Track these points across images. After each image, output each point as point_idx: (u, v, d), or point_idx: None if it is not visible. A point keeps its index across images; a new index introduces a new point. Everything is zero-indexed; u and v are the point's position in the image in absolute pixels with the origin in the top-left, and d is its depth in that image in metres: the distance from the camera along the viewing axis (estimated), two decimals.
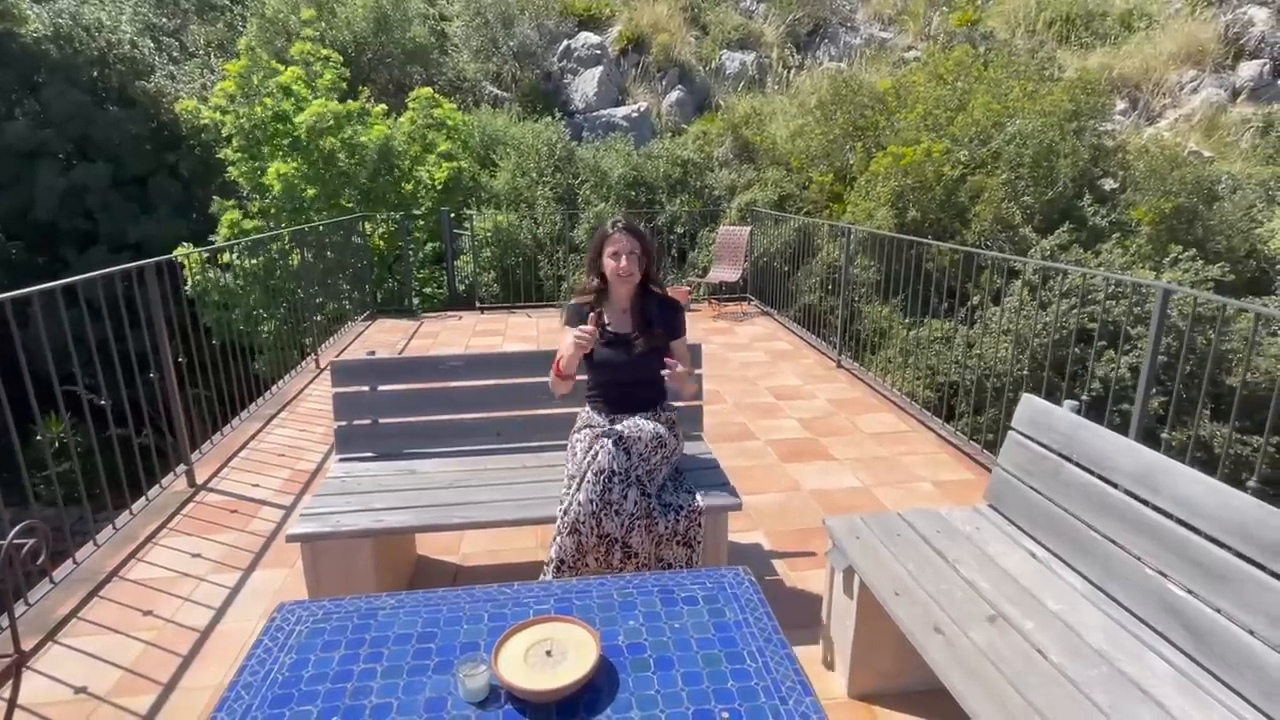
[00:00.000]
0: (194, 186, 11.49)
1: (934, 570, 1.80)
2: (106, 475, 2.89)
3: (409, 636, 1.54)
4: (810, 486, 3.27)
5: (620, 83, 12.95)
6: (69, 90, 11.22)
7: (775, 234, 8.42)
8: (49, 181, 10.84)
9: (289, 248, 6.44)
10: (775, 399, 4.56)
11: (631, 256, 2.27)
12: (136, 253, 10.35)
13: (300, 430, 4.13)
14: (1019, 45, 12.42)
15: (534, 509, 2.23)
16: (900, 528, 2.01)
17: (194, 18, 13.86)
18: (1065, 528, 1.81)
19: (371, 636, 1.54)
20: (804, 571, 2.59)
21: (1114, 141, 10.15)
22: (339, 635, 1.55)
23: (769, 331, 6.61)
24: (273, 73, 8.78)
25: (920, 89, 9.95)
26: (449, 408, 2.65)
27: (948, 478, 3.38)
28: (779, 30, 13.89)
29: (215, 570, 2.69)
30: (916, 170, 8.73)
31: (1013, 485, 2.03)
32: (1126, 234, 8.49)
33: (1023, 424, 2.05)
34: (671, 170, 10.36)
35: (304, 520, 2.14)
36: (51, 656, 2.21)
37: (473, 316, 7.50)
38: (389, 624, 1.58)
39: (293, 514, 3.11)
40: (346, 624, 1.58)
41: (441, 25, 13.68)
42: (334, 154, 8.46)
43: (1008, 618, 1.62)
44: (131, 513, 3.04)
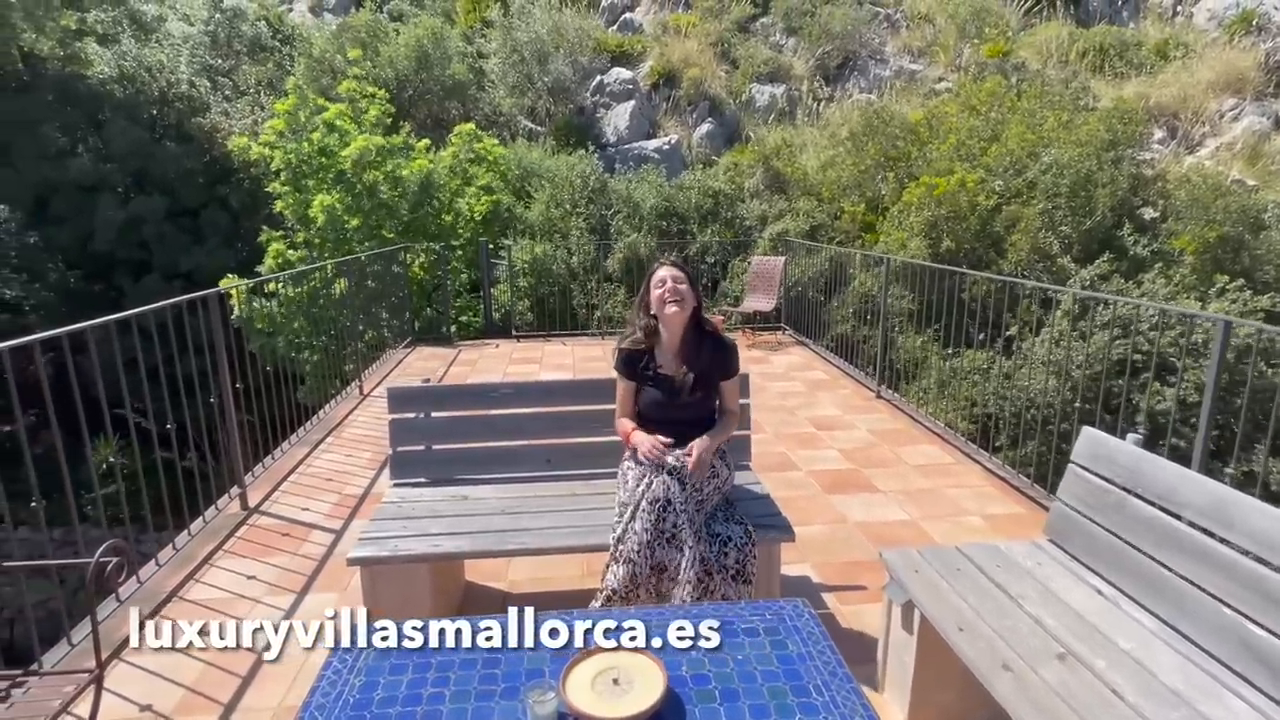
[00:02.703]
0: (243, 218, 11.92)
1: (997, 606, 1.78)
2: (158, 498, 2.98)
3: (474, 661, 1.56)
4: (856, 519, 3.24)
5: (652, 116, 13.20)
6: (130, 128, 11.80)
7: (808, 263, 8.45)
8: (109, 214, 11.34)
9: (332, 277, 6.63)
10: (815, 429, 4.54)
11: (679, 284, 2.30)
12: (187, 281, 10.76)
13: (347, 455, 4.22)
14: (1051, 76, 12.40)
15: (585, 536, 2.25)
16: (959, 562, 1.98)
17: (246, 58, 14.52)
18: (1132, 563, 1.78)
19: (437, 660, 1.56)
20: (855, 605, 2.56)
21: (1153, 170, 10.03)
22: (405, 658, 1.58)
23: (804, 361, 6.60)
24: (319, 109, 9.14)
25: (953, 119, 9.97)
26: (500, 434, 2.70)
27: (997, 511, 3.32)
28: (808, 63, 14.07)
29: (270, 592, 2.75)
30: (950, 200, 8.71)
31: (1074, 520, 1.99)
32: (1169, 264, 8.33)
33: (1083, 457, 2.02)
34: (703, 201, 10.47)
35: (362, 544, 2.19)
36: (118, 674, 2.27)
37: (509, 344, 7.61)
38: (455, 648, 1.60)
39: (343, 537, 3.17)
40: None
41: (479, 62, 14.13)
42: (376, 186, 8.74)
43: (1078, 656, 1.59)
44: (190, 534, 3.13)
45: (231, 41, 14.49)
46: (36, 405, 2.75)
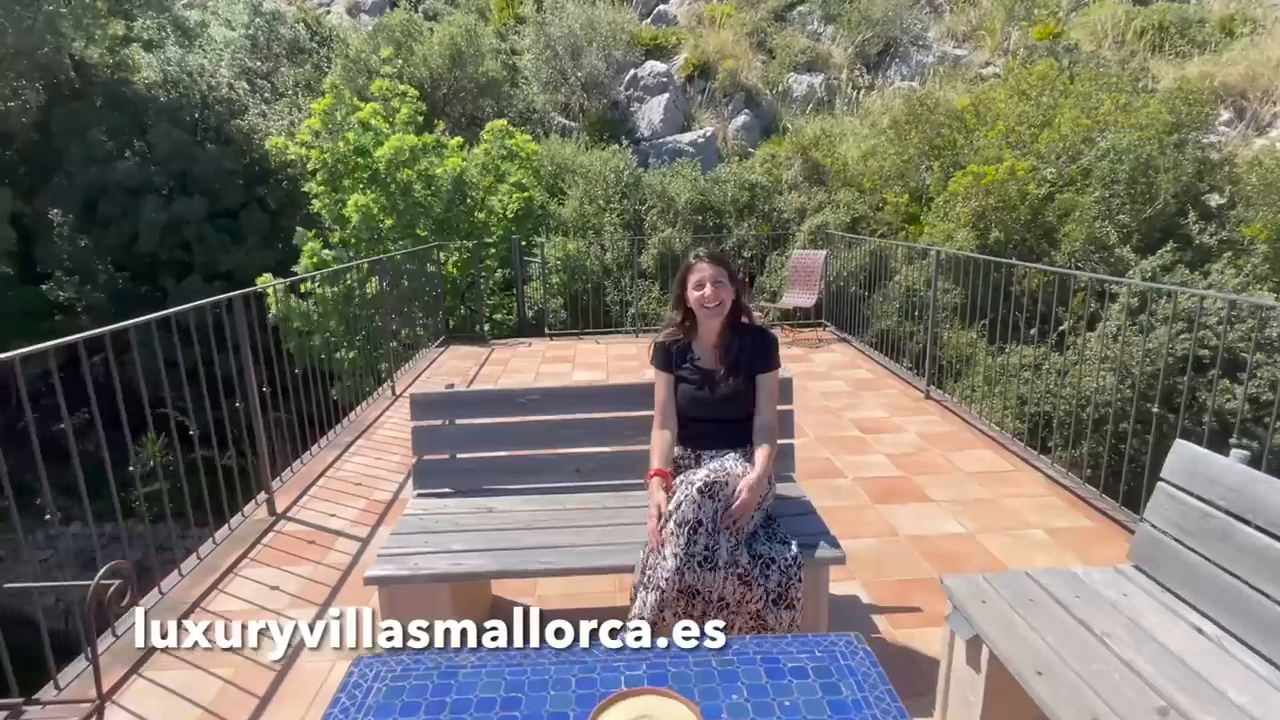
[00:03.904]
0: (280, 218, 12.08)
1: (1080, 645, 1.57)
2: (194, 495, 2.97)
3: (492, 702, 1.41)
4: (908, 531, 3.02)
5: (686, 109, 12.97)
6: (173, 131, 12.05)
7: (849, 257, 8.15)
8: (153, 215, 11.60)
9: (366, 276, 6.61)
10: (861, 432, 4.31)
11: (717, 286, 2.14)
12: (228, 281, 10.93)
13: (377, 458, 4.15)
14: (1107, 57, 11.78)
15: (615, 555, 2.09)
16: (1032, 591, 1.77)
17: (284, 61, 14.73)
18: (1241, 600, 1.55)
19: (453, 700, 1.43)
20: (909, 629, 2.36)
21: (1219, 154, 9.43)
22: (419, 696, 1.44)
23: (848, 359, 6.34)
24: (355, 109, 9.16)
25: (1001, 105, 9.52)
26: (526, 443, 2.56)
27: (1062, 524, 3.06)
28: (847, 51, 13.66)
29: (293, 604, 2.66)
30: (999, 189, 8.31)
31: (1166, 546, 1.76)
32: (1239, 253, 7.80)
33: (1176, 475, 1.79)
34: (739, 194, 10.22)
35: (381, 562, 2.07)
36: (135, 691, 2.20)
37: (542, 343, 7.51)
38: (470, 685, 1.46)
39: (369, 546, 3.08)
40: (426, 684, 1.47)
41: (512, 59, 14.07)
42: (410, 185, 8.72)
43: (1182, 711, 1.37)
44: (215, 542, 3.08)
45: (271, 45, 14.71)
46: (81, 404, 2.75)
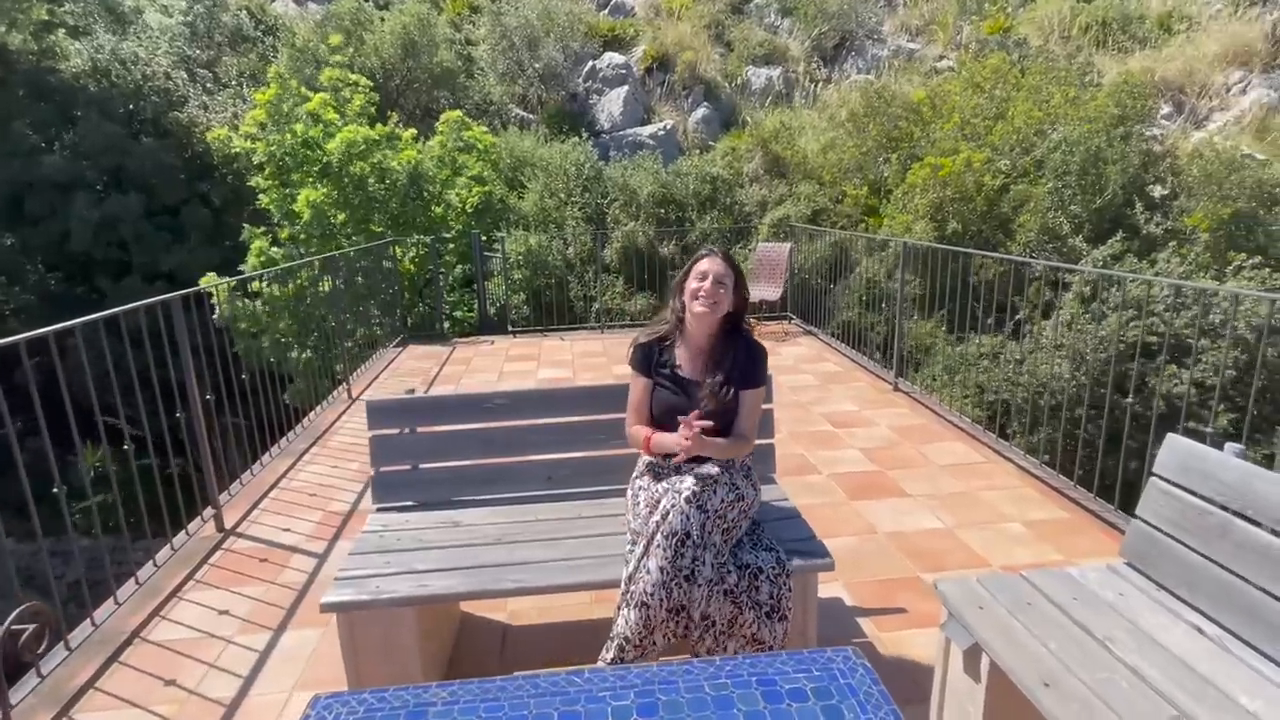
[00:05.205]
0: (225, 215, 11.54)
1: (1083, 652, 1.51)
2: (136, 508, 2.76)
3: None
4: (886, 528, 2.98)
5: (646, 101, 12.83)
6: (104, 123, 11.38)
7: (811, 249, 8.16)
8: (84, 213, 10.94)
9: (319, 273, 6.31)
10: (833, 426, 4.27)
11: (719, 285, 2.03)
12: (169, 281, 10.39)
13: (333, 466, 3.94)
14: (1055, 51, 12.06)
15: (591, 571, 1.96)
16: (1028, 594, 1.72)
17: (227, 49, 14.06)
18: (1244, 600, 1.51)
19: None
20: (895, 632, 2.29)
21: (1162, 146, 9.74)
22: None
23: (814, 352, 6.32)
24: (302, 100, 8.76)
25: (956, 98, 9.65)
26: (494, 450, 2.42)
27: (1039, 516, 3.05)
28: (804, 45, 13.69)
29: (243, 630, 2.47)
30: (956, 181, 8.41)
31: (1161, 543, 1.73)
32: (1183, 242, 8.06)
33: (1169, 470, 1.75)
34: (701, 187, 10.16)
35: (339, 586, 1.91)
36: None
37: (505, 340, 7.31)
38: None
39: (326, 563, 2.89)
40: None
41: (468, 49, 13.71)
42: (364, 179, 8.39)
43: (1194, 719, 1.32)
44: (156, 564, 2.84)
45: (212, 32, 14.01)
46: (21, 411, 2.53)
